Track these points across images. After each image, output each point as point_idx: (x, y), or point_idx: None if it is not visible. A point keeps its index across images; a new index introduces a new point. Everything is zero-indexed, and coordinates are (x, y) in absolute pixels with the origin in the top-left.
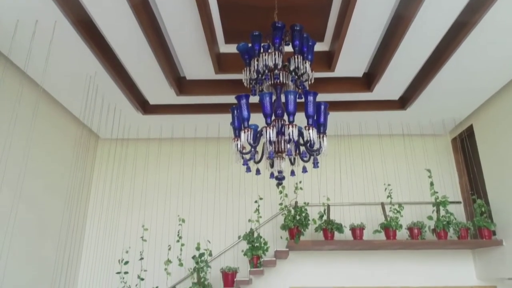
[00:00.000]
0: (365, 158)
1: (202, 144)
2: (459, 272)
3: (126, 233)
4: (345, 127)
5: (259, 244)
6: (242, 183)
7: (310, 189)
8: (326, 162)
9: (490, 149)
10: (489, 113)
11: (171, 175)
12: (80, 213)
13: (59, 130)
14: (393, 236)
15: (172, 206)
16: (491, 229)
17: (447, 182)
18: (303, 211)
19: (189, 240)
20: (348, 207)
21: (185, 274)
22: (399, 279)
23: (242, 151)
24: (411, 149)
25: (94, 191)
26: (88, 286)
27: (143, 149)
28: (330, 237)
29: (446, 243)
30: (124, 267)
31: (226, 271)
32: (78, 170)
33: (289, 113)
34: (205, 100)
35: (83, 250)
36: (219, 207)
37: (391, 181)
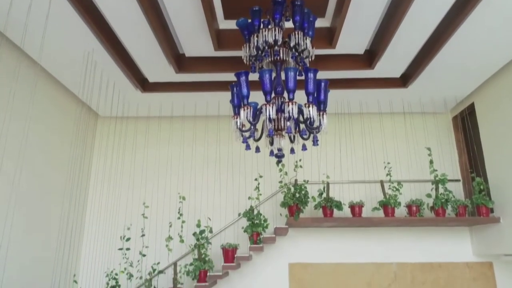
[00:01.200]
0: (365, 136)
1: (202, 122)
2: (455, 249)
3: (127, 210)
4: (345, 105)
5: (259, 221)
6: (242, 161)
7: (310, 167)
8: (326, 140)
9: (491, 127)
10: (491, 91)
11: (171, 153)
12: (81, 190)
13: (59, 108)
14: (391, 213)
15: (173, 184)
16: (489, 207)
17: (447, 160)
18: (302, 189)
19: (189, 217)
20: (348, 185)
21: (186, 250)
22: (397, 256)
23: (242, 128)
24: (412, 127)
25: (94, 168)
26: (90, 262)
27: (143, 127)
28: (329, 214)
29: (444, 220)
30: (126, 244)
31: (227, 248)
32: (78, 147)
33: (289, 90)
34: (204, 78)
35: (85, 227)
36: (219, 185)
37: (390, 159)
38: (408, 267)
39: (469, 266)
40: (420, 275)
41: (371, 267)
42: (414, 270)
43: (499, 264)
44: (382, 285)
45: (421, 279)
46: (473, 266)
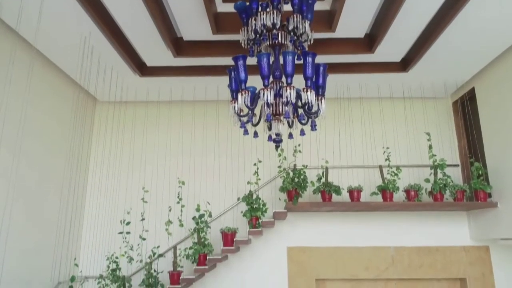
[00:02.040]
0: (365, 121)
1: (201, 107)
2: (453, 233)
3: (127, 194)
4: (345, 90)
5: (258, 206)
6: (241, 146)
7: (309, 152)
8: (326, 125)
9: (491, 112)
10: (491, 76)
11: (170, 137)
12: (80, 174)
13: (56, 92)
14: (389, 198)
15: (172, 168)
16: (487, 192)
17: (446, 146)
18: (301, 174)
19: (189, 202)
20: (347, 170)
21: (186, 234)
22: (395, 240)
23: (240, 113)
24: (411, 112)
25: (93, 153)
26: (91, 246)
27: (142, 112)
28: (328, 199)
29: (442, 205)
30: (126, 228)
31: (226, 231)
32: (76, 132)
33: (287, 74)
34: (203, 62)
35: (85, 211)
36: (218, 170)
37: (390, 144)
38: (405, 251)
39: (466, 250)
40: (417, 259)
41: (369, 250)
42: (412, 253)
43: (495, 248)
44: (380, 268)
45: (418, 263)
46: (470, 250)
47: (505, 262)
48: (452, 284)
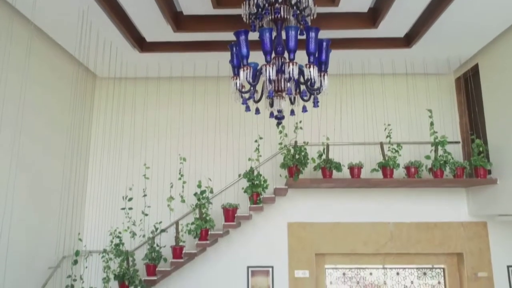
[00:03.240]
0: (367, 97)
1: (201, 83)
2: (451, 209)
3: (129, 171)
4: (347, 66)
5: (259, 182)
6: (242, 122)
7: (310, 128)
8: (327, 102)
9: (494, 89)
10: (496, 52)
11: (171, 114)
12: (82, 151)
13: (56, 69)
14: (390, 174)
15: (173, 145)
16: (487, 168)
17: (447, 123)
18: (302, 151)
19: (190, 178)
20: (347, 146)
21: (188, 210)
22: (394, 216)
23: (241, 90)
24: (414, 89)
25: (94, 130)
26: (94, 222)
27: (142, 88)
28: (329, 175)
29: (442, 181)
30: (128, 204)
31: (227, 207)
32: (77, 109)
33: (289, 50)
34: (203, 37)
35: (88, 187)
36: (219, 146)
37: (391, 121)
38: (404, 226)
39: (464, 226)
40: (415, 234)
41: (368, 226)
42: (410, 229)
43: (493, 224)
44: (379, 243)
45: (417, 238)
46: (468, 225)
47: (502, 237)
48: (450, 259)
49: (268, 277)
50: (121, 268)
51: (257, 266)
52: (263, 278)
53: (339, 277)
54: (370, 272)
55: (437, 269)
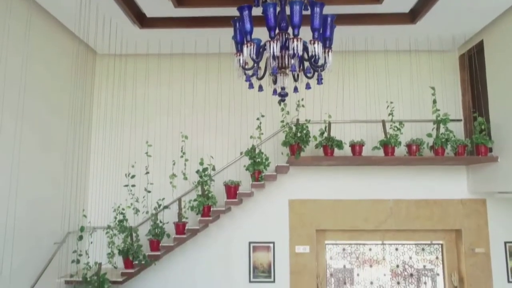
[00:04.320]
0: (369, 75)
1: (203, 60)
2: (451, 187)
3: (131, 148)
4: (350, 43)
5: (261, 160)
6: (244, 100)
7: (312, 106)
8: (329, 79)
9: (499, 66)
10: (502, 29)
11: (172, 91)
12: (84, 129)
13: (55, 45)
14: (391, 152)
15: (175, 123)
16: (488, 146)
17: (450, 100)
18: (304, 128)
19: (192, 156)
20: (349, 124)
21: (190, 187)
22: (394, 193)
23: (245, 66)
24: (417, 66)
25: (96, 107)
26: (98, 199)
27: (143, 65)
28: (330, 153)
29: (443, 159)
30: (131, 181)
31: (229, 184)
32: (78, 86)
33: (294, 26)
34: (205, 13)
35: (91, 165)
36: (221, 124)
37: (393, 99)
38: (404, 203)
39: (463, 203)
40: (415, 211)
41: (369, 203)
42: (410, 206)
43: (492, 201)
44: (379, 219)
45: (416, 214)
46: (467, 202)
47: (501, 214)
48: (448, 235)
49: (270, 252)
50: (125, 244)
51: (259, 242)
52: (265, 253)
53: (339, 253)
54: (370, 248)
55: (435, 245)
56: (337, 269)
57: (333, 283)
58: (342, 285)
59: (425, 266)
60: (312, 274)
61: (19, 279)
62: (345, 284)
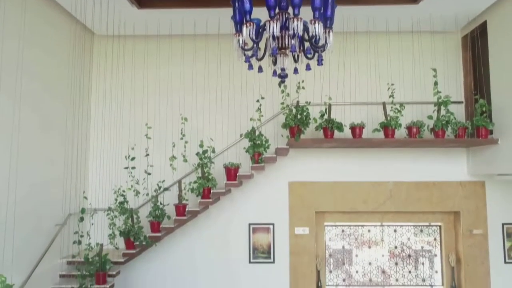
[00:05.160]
0: (371, 56)
1: (202, 41)
2: (451, 169)
3: (130, 131)
4: (351, 24)
5: (261, 142)
6: (244, 81)
7: (312, 88)
8: (330, 61)
9: (501, 48)
10: (506, 9)
11: (171, 73)
12: (83, 112)
13: (52, 27)
14: (391, 135)
15: (174, 105)
16: (488, 129)
17: (452, 82)
18: (304, 111)
19: (192, 138)
20: (350, 106)
21: (190, 169)
22: (394, 175)
23: (244, 47)
24: (419, 47)
25: (94, 90)
26: (98, 181)
27: (141, 47)
28: (330, 135)
29: (443, 141)
30: (131, 163)
31: (229, 167)
32: (76, 68)
33: (294, 5)
34: None
35: (90, 147)
36: (221, 106)
37: (395, 81)
38: (403, 186)
39: (462, 185)
40: (414, 193)
41: (368, 185)
42: (409, 188)
43: (491, 183)
44: (378, 201)
45: (415, 196)
46: (466, 185)
47: (499, 196)
48: (446, 217)
49: (269, 233)
50: (126, 225)
51: (259, 223)
52: (264, 234)
53: (338, 234)
54: (368, 229)
55: (433, 226)
56: (336, 250)
57: (332, 263)
58: (341, 265)
59: (423, 247)
60: (311, 255)
61: (21, 260)
62: (344, 264)
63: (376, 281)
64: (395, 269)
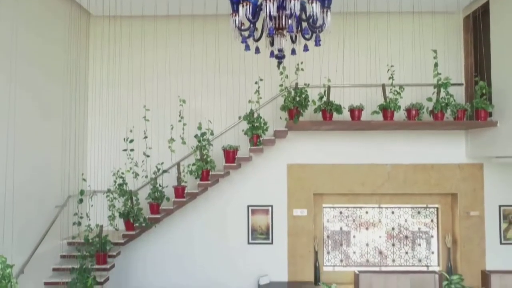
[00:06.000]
0: (370, 37)
1: (200, 22)
2: (449, 152)
3: (128, 113)
4: (351, 3)
5: (259, 124)
6: (242, 63)
7: (311, 70)
8: (329, 42)
9: (504, 29)
10: None
11: (169, 55)
12: (80, 94)
13: (47, 8)
14: (390, 117)
15: (172, 87)
16: (488, 111)
17: (452, 64)
18: (303, 93)
19: (190, 120)
20: (349, 88)
21: (189, 151)
22: (392, 157)
23: (241, 27)
24: (420, 28)
25: (91, 72)
26: (97, 163)
27: (138, 28)
28: (329, 118)
29: (442, 124)
30: (129, 145)
31: (228, 149)
32: (72, 50)
33: None
34: None
35: (88, 130)
36: (219, 88)
37: (394, 62)
38: (401, 168)
39: (460, 167)
40: (412, 175)
41: (366, 168)
42: (408, 170)
43: (489, 166)
44: (376, 184)
45: (413, 179)
46: (464, 167)
47: (497, 178)
48: (444, 199)
49: (268, 215)
50: (126, 207)
51: (257, 205)
52: (263, 216)
53: (336, 216)
54: (366, 211)
55: (431, 208)
56: (334, 231)
57: (330, 244)
58: (339, 246)
59: (420, 229)
60: (309, 236)
61: (23, 241)
62: (342, 245)
63: (373, 261)
64: (392, 250)
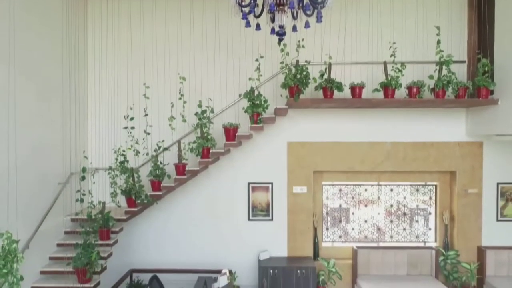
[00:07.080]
0: (373, 13)
1: None
2: (449, 130)
3: (128, 91)
4: None
5: (260, 102)
6: (243, 40)
7: (312, 47)
8: (331, 19)
9: (508, 5)
10: None
11: (168, 33)
12: (80, 73)
13: None
14: (391, 95)
15: (172, 64)
16: (490, 89)
17: (455, 41)
18: (304, 70)
19: (190, 98)
20: (350, 66)
21: (189, 129)
22: (392, 135)
23: (241, 3)
24: (423, 5)
25: (91, 51)
26: (98, 141)
27: (137, 6)
28: (329, 95)
29: (443, 102)
30: (130, 123)
31: (228, 127)
32: (71, 29)
33: None
34: None
35: (89, 108)
36: (219, 65)
37: (397, 39)
38: (401, 146)
39: (460, 145)
40: (412, 153)
41: (366, 145)
42: (407, 148)
43: (489, 144)
44: (376, 161)
45: (413, 156)
46: (464, 145)
47: (496, 156)
48: (443, 176)
49: (268, 192)
50: (128, 184)
51: (257, 182)
52: (263, 193)
53: (335, 193)
54: (365, 189)
55: (429, 186)
56: (333, 208)
57: (329, 221)
58: (338, 223)
59: (418, 206)
60: (308, 213)
61: (27, 218)
62: (341, 222)
63: (372, 237)
64: (390, 227)
